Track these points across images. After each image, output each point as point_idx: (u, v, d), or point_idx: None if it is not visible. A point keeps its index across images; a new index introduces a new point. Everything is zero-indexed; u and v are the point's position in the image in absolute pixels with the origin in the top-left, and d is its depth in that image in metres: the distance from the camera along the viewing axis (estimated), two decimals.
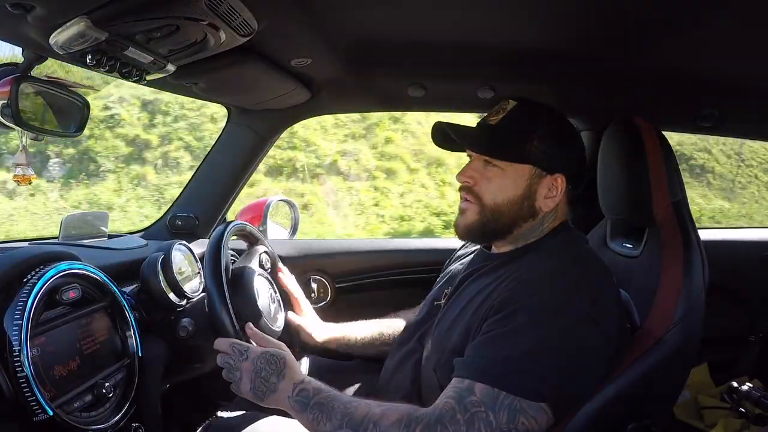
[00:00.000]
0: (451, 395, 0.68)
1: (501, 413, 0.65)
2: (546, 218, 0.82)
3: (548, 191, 0.79)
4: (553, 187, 0.79)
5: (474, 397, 0.66)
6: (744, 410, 1.41)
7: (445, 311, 0.85)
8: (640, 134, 0.86)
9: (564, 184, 0.80)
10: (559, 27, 0.85)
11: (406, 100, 1.25)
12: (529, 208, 0.80)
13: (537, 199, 0.80)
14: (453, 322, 0.80)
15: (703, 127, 1.23)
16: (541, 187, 0.79)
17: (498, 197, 0.79)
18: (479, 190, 0.80)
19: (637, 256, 0.88)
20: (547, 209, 0.80)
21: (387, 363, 0.95)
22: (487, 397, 0.65)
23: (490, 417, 0.64)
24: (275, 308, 1.01)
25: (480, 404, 0.65)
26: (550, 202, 0.80)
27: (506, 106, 0.81)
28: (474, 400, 0.66)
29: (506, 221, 0.80)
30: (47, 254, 0.76)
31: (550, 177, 0.79)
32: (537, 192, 0.79)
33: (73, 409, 0.71)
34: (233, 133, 1.36)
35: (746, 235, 1.67)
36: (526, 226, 0.81)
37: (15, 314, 0.65)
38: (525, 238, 0.83)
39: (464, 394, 0.67)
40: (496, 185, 0.79)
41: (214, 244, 0.90)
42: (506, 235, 0.82)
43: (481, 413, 0.65)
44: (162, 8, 0.63)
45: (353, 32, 0.90)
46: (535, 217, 0.81)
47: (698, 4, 0.70)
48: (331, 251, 1.49)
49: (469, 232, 0.83)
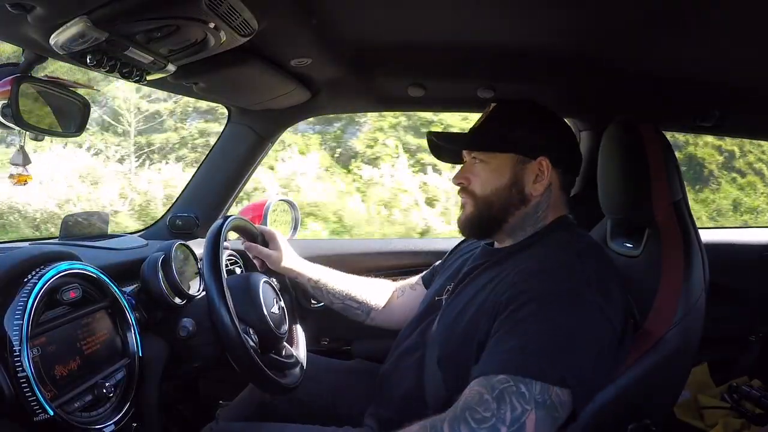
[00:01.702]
0: (475, 385, 0.67)
1: (533, 385, 0.64)
2: (540, 206, 0.84)
3: (535, 176, 0.83)
4: (539, 172, 0.82)
5: (501, 377, 0.65)
6: (744, 410, 1.41)
7: (449, 305, 0.86)
8: (640, 134, 0.86)
9: (549, 166, 0.82)
10: (559, 27, 0.85)
11: (406, 100, 1.25)
12: (518, 194, 0.83)
13: (525, 185, 0.83)
14: (458, 315, 0.80)
15: (703, 126, 1.23)
16: (526, 173, 0.83)
17: (487, 188, 0.84)
18: (472, 187, 0.85)
19: (638, 255, 0.88)
20: (537, 194, 0.83)
21: (387, 359, 0.95)
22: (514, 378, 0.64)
23: (522, 389, 0.63)
24: (280, 315, 1.01)
25: (508, 380, 0.64)
26: (539, 186, 0.83)
27: (488, 110, 0.88)
28: (501, 378, 0.64)
29: (498, 210, 0.83)
30: (47, 254, 0.76)
31: (534, 162, 0.82)
32: (524, 178, 0.83)
33: (74, 409, 0.71)
34: (233, 133, 1.36)
35: (746, 235, 1.67)
36: (519, 214, 0.84)
37: (15, 314, 0.65)
38: (523, 229, 0.85)
39: (490, 379, 0.65)
40: (483, 178, 0.84)
41: (212, 239, 0.90)
42: (502, 225, 0.84)
43: (511, 387, 0.63)
44: (162, 8, 0.63)
45: (353, 32, 0.90)
46: (527, 204, 0.83)
47: (698, 4, 0.70)
48: (331, 251, 1.49)
49: (469, 225, 0.86)
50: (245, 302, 0.95)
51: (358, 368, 1.11)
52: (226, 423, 0.95)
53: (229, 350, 0.85)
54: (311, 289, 1.12)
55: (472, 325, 0.75)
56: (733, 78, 1.01)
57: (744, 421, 1.39)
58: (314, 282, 1.11)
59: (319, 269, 1.12)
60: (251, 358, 0.85)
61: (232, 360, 0.86)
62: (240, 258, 1.34)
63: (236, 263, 1.32)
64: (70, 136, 0.88)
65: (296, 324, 1.15)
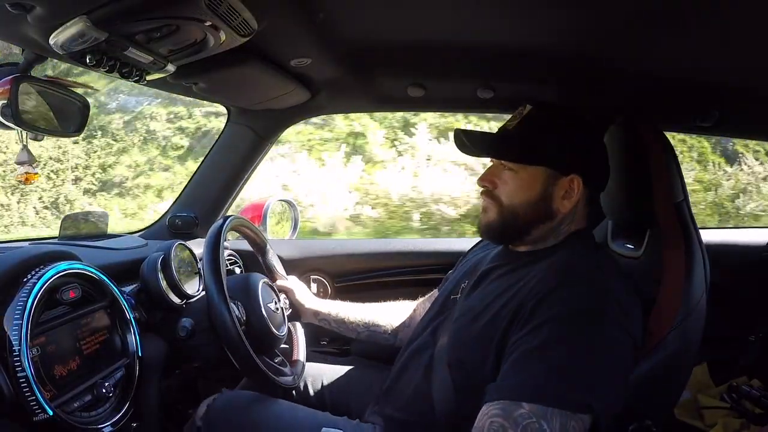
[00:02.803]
0: (495, 414, 0.64)
1: (554, 421, 0.61)
2: (564, 220, 0.82)
3: (565, 192, 0.80)
4: (570, 189, 0.80)
5: (523, 410, 0.62)
6: (744, 410, 1.41)
7: (464, 305, 0.84)
8: (641, 134, 0.86)
9: (580, 185, 0.79)
10: (559, 27, 0.85)
11: (406, 100, 1.25)
12: (546, 209, 0.80)
13: (554, 201, 0.80)
14: (474, 318, 0.79)
15: (703, 127, 1.23)
16: (557, 188, 0.80)
17: (514, 199, 0.81)
18: (497, 193, 0.82)
19: (639, 256, 0.88)
20: (564, 210, 0.80)
21: (398, 357, 0.94)
22: (537, 411, 0.62)
23: (543, 426, 0.61)
24: (279, 315, 1.01)
25: (531, 416, 0.62)
26: (567, 203, 0.80)
27: (523, 111, 0.83)
28: (524, 413, 0.62)
29: (524, 222, 0.81)
30: (47, 254, 0.76)
31: (565, 178, 0.79)
32: (553, 193, 0.80)
33: (73, 409, 0.71)
34: (233, 133, 1.36)
35: (746, 235, 1.67)
36: (544, 228, 0.81)
37: (15, 314, 0.65)
38: (544, 240, 0.83)
39: (512, 409, 0.63)
40: (512, 187, 0.81)
41: (212, 238, 0.90)
42: (524, 236, 0.82)
43: (534, 423, 0.61)
44: (162, 8, 0.63)
45: (353, 32, 0.90)
46: (553, 219, 0.81)
47: (698, 4, 0.70)
48: (331, 251, 1.49)
49: (489, 230, 0.84)
50: (245, 302, 0.95)
51: (356, 368, 1.11)
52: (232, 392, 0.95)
53: (229, 350, 0.85)
54: (335, 324, 1.11)
55: (487, 331, 0.74)
56: (733, 78, 1.00)
57: (744, 421, 1.39)
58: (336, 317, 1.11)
59: (338, 305, 1.13)
60: (251, 358, 0.85)
61: (232, 359, 0.86)
62: (240, 258, 1.34)
63: (236, 263, 1.32)
64: (70, 136, 0.88)
65: (296, 324, 1.15)
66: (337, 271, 1.46)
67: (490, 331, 0.74)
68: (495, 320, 0.74)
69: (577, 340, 0.66)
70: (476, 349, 0.75)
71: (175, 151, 5.31)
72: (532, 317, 0.69)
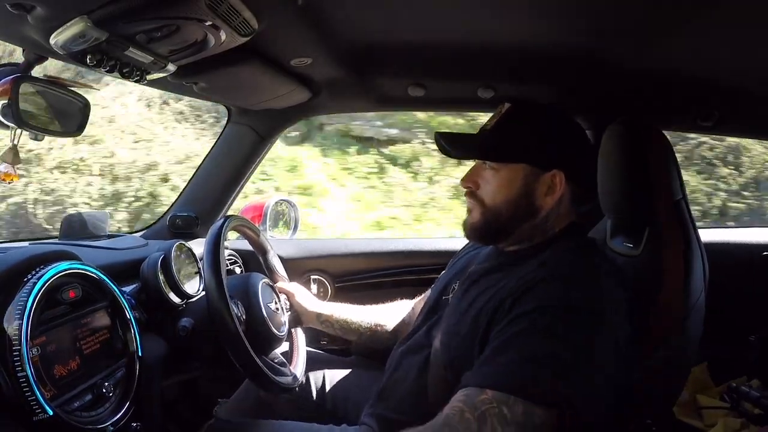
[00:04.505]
0: (459, 399, 0.66)
1: (516, 408, 0.62)
2: (550, 216, 0.81)
3: (547, 189, 0.79)
4: (552, 185, 0.79)
5: (485, 396, 0.63)
6: (743, 410, 1.41)
7: (454, 305, 0.85)
8: (640, 134, 0.86)
9: (563, 180, 0.79)
10: (560, 27, 0.85)
11: (406, 100, 1.25)
12: (528, 206, 0.80)
13: (536, 197, 0.79)
14: (462, 317, 0.79)
15: (703, 126, 1.23)
16: (539, 184, 0.79)
17: (497, 198, 0.80)
18: (480, 193, 0.82)
19: (638, 255, 0.88)
20: (548, 207, 0.80)
21: (390, 358, 0.94)
22: (500, 397, 0.63)
23: (503, 411, 0.61)
24: (279, 315, 1.01)
25: (491, 401, 0.62)
26: (550, 199, 0.79)
27: (501, 109, 0.83)
28: (485, 399, 0.63)
29: (507, 220, 0.80)
30: (47, 254, 0.76)
31: (547, 174, 0.79)
32: (535, 190, 0.79)
33: (73, 409, 0.71)
34: (233, 133, 1.36)
35: (746, 235, 1.67)
36: (528, 225, 0.81)
37: (15, 314, 0.65)
38: (530, 238, 0.82)
39: (475, 395, 0.64)
40: (493, 186, 0.81)
41: (212, 238, 0.90)
42: (509, 236, 0.82)
43: (493, 409, 0.62)
44: (162, 8, 0.63)
45: (353, 32, 0.91)
46: (536, 216, 0.80)
47: (698, 4, 0.70)
48: (331, 251, 1.49)
49: (474, 232, 0.84)
50: (245, 302, 0.95)
51: (356, 367, 1.11)
52: (224, 420, 0.95)
53: (229, 350, 0.85)
54: (337, 326, 1.10)
55: (473, 329, 0.75)
56: (733, 78, 1.01)
57: (743, 421, 1.39)
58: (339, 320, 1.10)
59: (340, 307, 1.12)
60: (251, 358, 0.85)
61: (232, 359, 0.86)
62: (240, 258, 1.34)
63: (236, 263, 1.33)
64: (70, 136, 0.88)
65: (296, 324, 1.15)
66: (337, 270, 1.46)
67: (475, 328, 0.74)
68: (479, 317, 0.74)
69: (554, 332, 0.65)
70: (465, 348, 0.75)
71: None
72: (512, 309, 0.69)
